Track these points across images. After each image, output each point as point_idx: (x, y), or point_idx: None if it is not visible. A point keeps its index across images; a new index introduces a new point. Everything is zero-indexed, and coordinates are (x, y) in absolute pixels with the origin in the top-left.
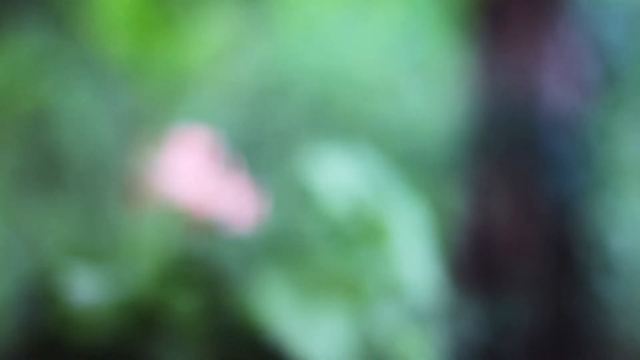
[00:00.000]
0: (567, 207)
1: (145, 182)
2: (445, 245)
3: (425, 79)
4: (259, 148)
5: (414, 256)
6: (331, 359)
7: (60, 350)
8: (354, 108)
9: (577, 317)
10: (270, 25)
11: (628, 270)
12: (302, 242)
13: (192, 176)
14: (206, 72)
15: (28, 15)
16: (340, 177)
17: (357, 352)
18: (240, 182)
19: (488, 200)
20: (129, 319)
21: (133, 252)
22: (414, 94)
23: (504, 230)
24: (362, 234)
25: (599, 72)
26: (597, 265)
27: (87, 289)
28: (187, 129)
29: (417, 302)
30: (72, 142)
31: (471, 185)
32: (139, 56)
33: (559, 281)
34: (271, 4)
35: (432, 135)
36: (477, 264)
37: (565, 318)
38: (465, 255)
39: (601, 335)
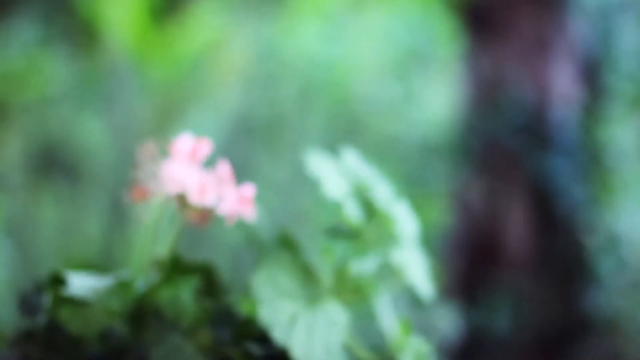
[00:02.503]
0: (569, 194)
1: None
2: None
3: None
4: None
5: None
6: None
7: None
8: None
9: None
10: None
11: (628, 254)
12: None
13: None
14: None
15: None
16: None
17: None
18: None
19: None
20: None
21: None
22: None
23: (506, 218)
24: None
25: (602, 63)
26: (598, 249)
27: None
28: (183, 135)
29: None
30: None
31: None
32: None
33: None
34: None
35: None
36: (479, 257)
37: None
38: (466, 251)
39: (602, 317)
